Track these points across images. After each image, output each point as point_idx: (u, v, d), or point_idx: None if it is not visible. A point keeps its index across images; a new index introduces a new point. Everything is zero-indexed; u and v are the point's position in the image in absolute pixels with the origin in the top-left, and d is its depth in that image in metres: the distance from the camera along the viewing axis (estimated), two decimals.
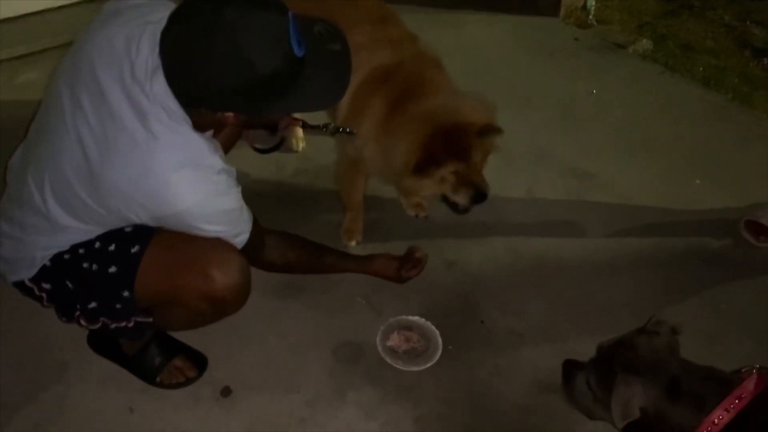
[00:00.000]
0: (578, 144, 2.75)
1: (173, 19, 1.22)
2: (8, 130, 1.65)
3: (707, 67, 3.40)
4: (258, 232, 1.53)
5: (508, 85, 3.07)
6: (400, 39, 1.95)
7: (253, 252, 1.55)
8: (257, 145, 1.95)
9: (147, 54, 1.26)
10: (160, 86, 1.25)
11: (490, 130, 1.83)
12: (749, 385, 1.24)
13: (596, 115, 2.94)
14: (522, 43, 3.49)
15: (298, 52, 1.23)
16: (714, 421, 1.22)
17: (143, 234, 1.40)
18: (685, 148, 2.77)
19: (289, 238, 1.68)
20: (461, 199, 1.89)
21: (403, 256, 1.88)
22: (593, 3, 3.76)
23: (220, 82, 1.20)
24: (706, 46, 3.63)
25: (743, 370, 1.35)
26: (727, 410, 1.22)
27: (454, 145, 1.78)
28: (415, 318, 1.93)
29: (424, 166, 1.79)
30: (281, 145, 1.75)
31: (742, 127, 2.93)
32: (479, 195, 1.88)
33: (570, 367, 1.54)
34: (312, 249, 1.75)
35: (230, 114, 1.29)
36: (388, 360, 1.81)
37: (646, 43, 3.52)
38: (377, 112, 1.89)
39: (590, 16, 3.74)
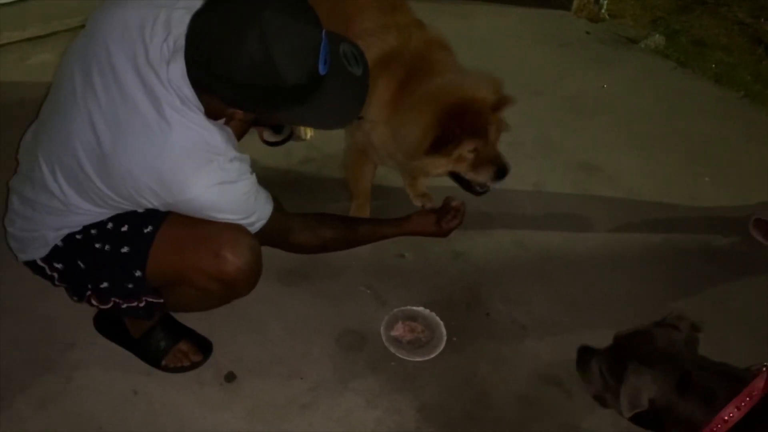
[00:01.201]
0: (587, 138, 2.74)
1: (210, 5, 1.21)
2: (21, 110, 1.66)
3: (719, 64, 3.37)
4: (281, 218, 1.53)
5: (518, 77, 3.04)
6: (407, 25, 1.94)
7: (279, 238, 1.55)
8: (267, 138, 1.95)
9: (162, 38, 1.26)
10: (177, 71, 1.24)
11: (504, 102, 1.81)
12: (759, 383, 1.24)
13: (606, 110, 2.93)
14: (533, 35, 3.46)
15: (322, 70, 1.24)
16: (725, 419, 1.22)
17: (156, 215, 1.40)
18: (694, 145, 2.75)
19: (319, 217, 1.66)
20: (482, 176, 1.83)
21: (440, 207, 1.79)
22: None
23: (241, 79, 1.19)
24: (719, 43, 3.60)
25: (753, 368, 1.35)
26: (738, 408, 1.22)
27: (471, 121, 1.75)
28: (420, 308, 1.93)
29: (441, 144, 1.75)
30: (291, 137, 1.74)
31: (753, 124, 2.91)
32: (501, 171, 1.82)
33: (585, 353, 1.53)
34: (345, 222, 1.72)
35: (239, 111, 1.29)
36: (392, 349, 1.82)
37: (658, 39, 3.50)
38: (384, 93, 1.87)
39: (602, 10, 3.71)
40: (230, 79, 1.20)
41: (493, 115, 1.80)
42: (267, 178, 2.36)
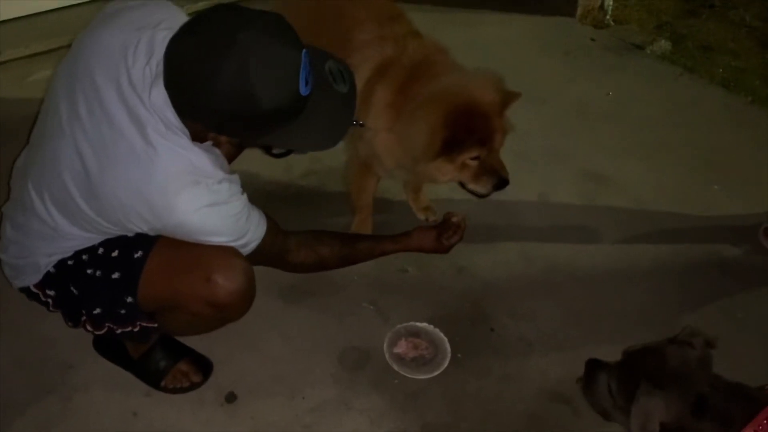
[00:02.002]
0: (593, 146, 2.70)
1: (186, 29, 1.20)
2: (20, 128, 1.65)
3: (727, 69, 3.32)
4: (276, 237, 1.50)
5: (523, 85, 2.96)
6: (404, 36, 1.92)
7: (278, 258, 1.53)
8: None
9: (144, 62, 1.25)
10: (159, 96, 1.23)
11: (511, 98, 1.79)
12: None
13: (612, 117, 2.89)
14: (537, 43, 3.43)
15: (304, 90, 1.22)
16: None
17: (146, 239, 1.39)
18: (703, 152, 2.71)
19: (317, 235, 1.64)
20: (482, 188, 1.82)
21: (441, 223, 1.78)
22: (611, 2, 3.69)
23: (219, 105, 1.17)
24: (727, 47, 3.55)
25: None
26: (755, 431, 1.18)
27: (479, 126, 1.73)
28: (423, 324, 1.90)
29: (449, 147, 1.72)
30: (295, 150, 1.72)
31: (762, 130, 2.86)
32: (501, 183, 1.81)
33: (593, 367, 1.49)
34: (343, 239, 1.70)
35: (222, 135, 1.27)
36: (395, 367, 1.79)
37: (664, 44, 3.45)
38: (384, 100, 1.85)
39: (607, 16, 3.67)
40: (208, 106, 1.18)
41: (499, 120, 1.77)
42: (268, 193, 2.39)
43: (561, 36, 3.50)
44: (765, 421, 1.18)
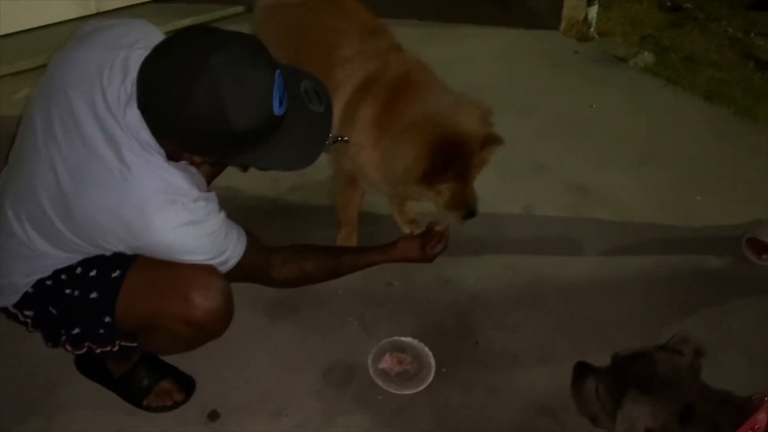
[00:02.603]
0: (578, 158, 2.72)
1: (159, 51, 1.20)
2: (6, 146, 1.65)
3: (710, 80, 3.36)
4: (258, 254, 1.50)
5: (508, 98, 3.05)
6: (386, 50, 1.94)
7: (260, 275, 1.53)
8: None
9: (119, 82, 1.25)
10: (134, 117, 1.23)
11: (494, 142, 1.80)
12: (763, 415, 1.20)
13: (596, 129, 2.91)
14: (522, 56, 3.47)
15: (278, 111, 1.22)
16: None
17: (125, 258, 1.38)
18: (686, 163, 2.73)
19: (301, 250, 1.63)
20: (452, 215, 1.87)
21: (424, 233, 1.79)
22: (594, 15, 3.74)
23: (192, 126, 1.17)
24: (710, 59, 3.60)
25: (755, 398, 1.31)
26: None
27: (459, 162, 1.75)
28: (408, 339, 1.89)
29: (428, 177, 1.75)
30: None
31: (745, 141, 2.89)
32: (469, 215, 1.86)
33: (582, 369, 1.49)
34: (328, 253, 1.70)
35: (196, 155, 1.28)
36: (380, 383, 1.78)
37: (647, 56, 3.49)
38: (368, 116, 1.85)
39: (591, 29, 3.71)
40: (181, 128, 1.18)
41: (479, 155, 1.79)
42: (254, 207, 2.39)
43: (545, 49, 3.53)
44: (748, 430, 1.19)
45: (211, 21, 3.41)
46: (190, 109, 1.15)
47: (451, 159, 1.73)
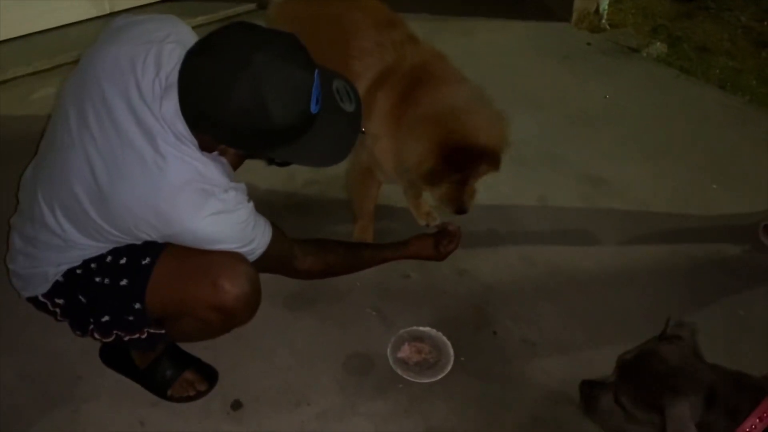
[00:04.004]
0: (592, 149, 2.72)
1: (202, 45, 1.23)
2: (24, 145, 1.68)
3: (724, 70, 3.35)
4: (282, 245, 1.53)
5: (521, 90, 3.05)
6: (402, 41, 1.95)
7: (284, 265, 1.56)
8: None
9: (153, 75, 1.27)
10: (170, 108, 1.26)
11: (494, 165, 1.80)
12: None
13: (610, 120, 2.91)
14: (534, 48, 3.47)
15: (314, 109, 1.25)
16: (747, 430, 1.19)
17: (154, 247, 1.41)
18: (701, 152, 2.73)
19: (323, 243, 1.68)
20: (444, 206, 1.90)
21: (437, 232, 1.84)
22: (606, 7, 3.73)
23: (232, 120, 1.20)
24: (723, 48, 3.58)
25: None
26: (760, 419, 1.19)
27: (459, 169, 1.76)
28: (426, 329, 1.91)
29: (432, 175, 1.78)
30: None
31: (760, 129, 2.88)
32: (459, 211, 1.87)
33: (590, 388, 1.46)
34: (348, 247, 1.75)
35: (230, 148, 1.30)
36: (399, 371, 1.80)
37: (660, 47, 3.49)
38: (385, 107, 1.88)
39: (603, 20, 3.71)
40: (221, 121, 1.21)
41: (485, 164, 1.79)
42: (271, 201, 2.41)
43: (557, 41, 3.53)
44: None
45: (223, 19, 3.44)
46: (233, 103, 1.18)
47: (454, 165, 1.75)
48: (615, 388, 1.38)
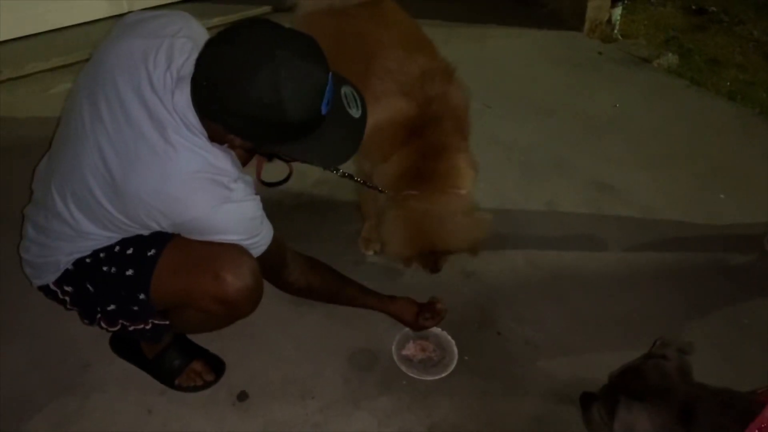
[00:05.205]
0: (600, 156, 2.74)
1: (224, 37, 1.25)
2: (40, 139, 1.71)
3: (734, 82, 3.36)
4: (281, 251, 1.56)
5: (531, 97, 3.08)
6: (433, 74, 1.90)
7: (274, 269, 1.57)
8: (264, 179, 1.94)
9: (164, 68, 1.31)
10: (182, 100, 1.29)
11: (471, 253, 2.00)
12: None
13: (619, 129, 2.93)
14: (545, 56, 3.49)
15: (324, 110, 1.28)
16: None
17: (160, 238, 1.43)
18: (709, 162, 2.74)
19: (316, 264, 1.70)
20: (422, 266, 2.00)
21: (425, 303, 1.88)
22: (618, 17, 3.75)
23: (247, 110, 1.22)
24: (734, 61, 3.59)
25: (759, 391, 1.32)
26: None
27: (429, 259, 1.96)
28: (431, 328, 1.93)
29: (407, 262, 1.97)
30: (289, 178, 1.75)
31: None
32: (433, 272, 2.00)
33: (587, 399, 1.52)
34: (336, 278, 1.75)
35: (239, 138, 1.32)
36: (403, 369, 1.82)
37: (671, 58, 3.50)
38: (396, 170, 1.90)
39: (615, 31, 3.73)
40: (236, 110, 1.23)
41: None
42: (280, 200, 2.44)
43: (569, 49, 3.55)
44: (757, 431, 1.19)
45: (239, 20, 3.48)
46: (251, 93, 1.20)
47: (424, 258, 1.94)
48: (598, 399, 1.44)
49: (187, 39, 1.33)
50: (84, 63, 1.46)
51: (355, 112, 1.39)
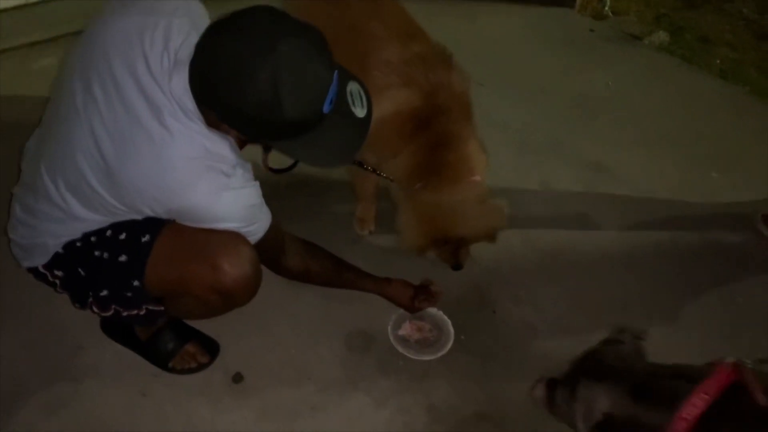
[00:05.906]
0: (594, 136, 2.73)
1: (226, 24, 1.18)
2: (24, 116, 1.66)
3: (725, 60, 3.37)
4: (278, 237, 1.52)
5: (523, 76, 3.05)
6: (433, 62, 1.88)
7: (271, 255, 1.54)
8: (271, 165, 1.91)
9: (161, 48, 1.25)
10: (180, 84, 1.23)
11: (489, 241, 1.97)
12: (718, 377, 1.22)
13: (612, 107, 2.92)
14: (537, 34, 3.46)
15: (326, 109, 1.23)
16: (684, 417, 1.20)
17: (154, 223, 1.39)
18: (701, 141, 2.74)
19: (313, 248, 1.66)
20: (443, 260, 2.00)
21: (419, 285, 1.86)
22: None
23: (242, 105, 1.17)
24: (724, 39, 3.60)
25: (716, 362, 1.34)
26: (694, 405, 1.20)
27: (451, 249, 1.95)
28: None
29: (422, 251, 1.94)
30: (296, 164, 1.70)
31: (760, 119, 2.91)
32: (455, 268, 2.00)
33: (551, 385, 1.52)
34: (334, 262, 1.72)
35: (234, 130, 1.28)
36: (400, 349, 1.81)
37: (662, 35, 3.49)
38: (410, 163, 1.87)
39: (606, 7, 3.71)
40: (231, 104, 1.18)
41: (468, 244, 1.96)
42: (275, 180, 2.36)
43: (560, 27, 3.53)
44: (704, 394, 1.19)
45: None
46: (248, 89, 1.15)
47: (440, 245, 1.92)
48: (560, 384, 1.45)
49: (185, 18, 1.27)
50: (70, 37, 1.39)
51: (360, 112, 1.33)
